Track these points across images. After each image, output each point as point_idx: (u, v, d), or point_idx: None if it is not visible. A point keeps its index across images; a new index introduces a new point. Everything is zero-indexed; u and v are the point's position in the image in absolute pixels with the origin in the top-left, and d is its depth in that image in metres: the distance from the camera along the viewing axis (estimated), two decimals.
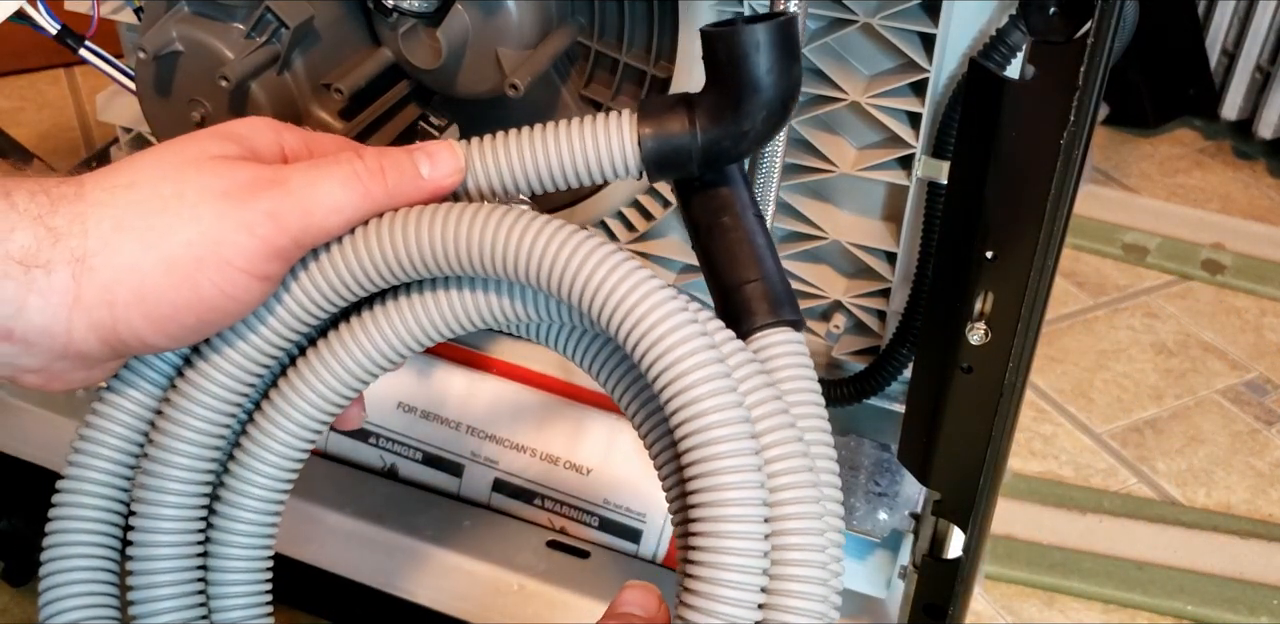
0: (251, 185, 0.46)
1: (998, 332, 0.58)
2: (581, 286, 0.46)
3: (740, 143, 0.49)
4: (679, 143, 0.48)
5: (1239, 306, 1.44)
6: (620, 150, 0.49)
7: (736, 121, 0.48)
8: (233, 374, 0.50)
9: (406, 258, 0.47)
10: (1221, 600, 1.09)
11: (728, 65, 0.48)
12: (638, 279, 0.46)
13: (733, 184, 0.53)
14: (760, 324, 0.50)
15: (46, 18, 0.81)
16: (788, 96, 0.48)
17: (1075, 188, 0.53)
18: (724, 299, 0.52)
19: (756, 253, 0.52)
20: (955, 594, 0.71)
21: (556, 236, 0.46)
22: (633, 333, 0.45)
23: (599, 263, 0.46)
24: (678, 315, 0.46)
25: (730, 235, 0.52)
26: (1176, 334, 1.40)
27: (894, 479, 0.81)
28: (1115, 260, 1.52)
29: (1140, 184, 1.66)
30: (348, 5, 0.78)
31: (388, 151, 0.48)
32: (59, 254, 0.44)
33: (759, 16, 0.48)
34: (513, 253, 0.46)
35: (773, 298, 0.51)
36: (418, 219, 0.47)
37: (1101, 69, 0.48)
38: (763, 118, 0.48)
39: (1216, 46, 1.66)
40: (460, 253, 0.46)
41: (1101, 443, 1.25)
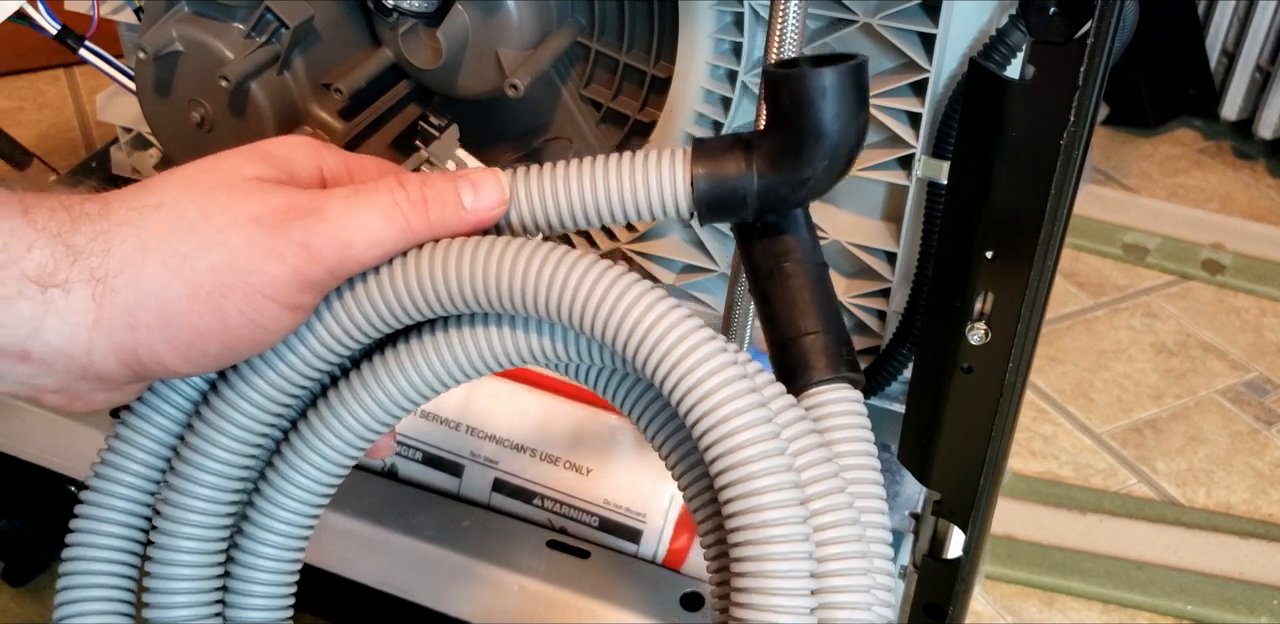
0: (286, 212, 0.44)
1: (998, 331, 0.58)
2: (627, 333, 0.44)
3: (799, 190, 0.47)
4: (734, 186, 0.46)
5: (1239, 306, 1.44)
6: (672, 189, 0.47)
7: (797, 169, 0.46)
8: (259, 403, 0.48)
9: (446, 293, 0.45)
10: (1221, 600, 1.09)
11: (792, 109, 0.45)
12: (687, 328, 0.44)
13: (796, 228, 0.51)
14: (818, 380, 0.48)
15: (46, 18, 0.81)
16: (854, 144, 0.46)
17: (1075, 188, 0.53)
18: (781, 350, 0.50)
19: (818, 303, 0.50)
20: (955, 594, 0.71)
21: (603, 278, 0.44)
22: (679, 386, 0.43)
23: (646, 309, 0.44)
24: (727, 370, 0.43)
25: (791, 282, 0.50)
26: (1176, 334, 1.40)
27: (894, 479, 0.81)
28: (1115, 260, 1.51)
29: (1140, 184, 1.66)
30: (348, 5, 0.78)
31: (431, 180, 0.46)
32: (78, 273, 0.42)
33: (826, 57, 0.46)
34: (556, 294, 0.44)
35: (832, 352, 0.49)
36: (459, 253, 0.45)
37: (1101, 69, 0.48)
38: (825, 166, 0.46)
39: (1216, 46, 1.66)
40: (501, 291, 0.45)
41: (1101, 443, 1.25)
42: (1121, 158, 1.71)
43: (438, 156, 0.78)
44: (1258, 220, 1.59)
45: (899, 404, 0.83)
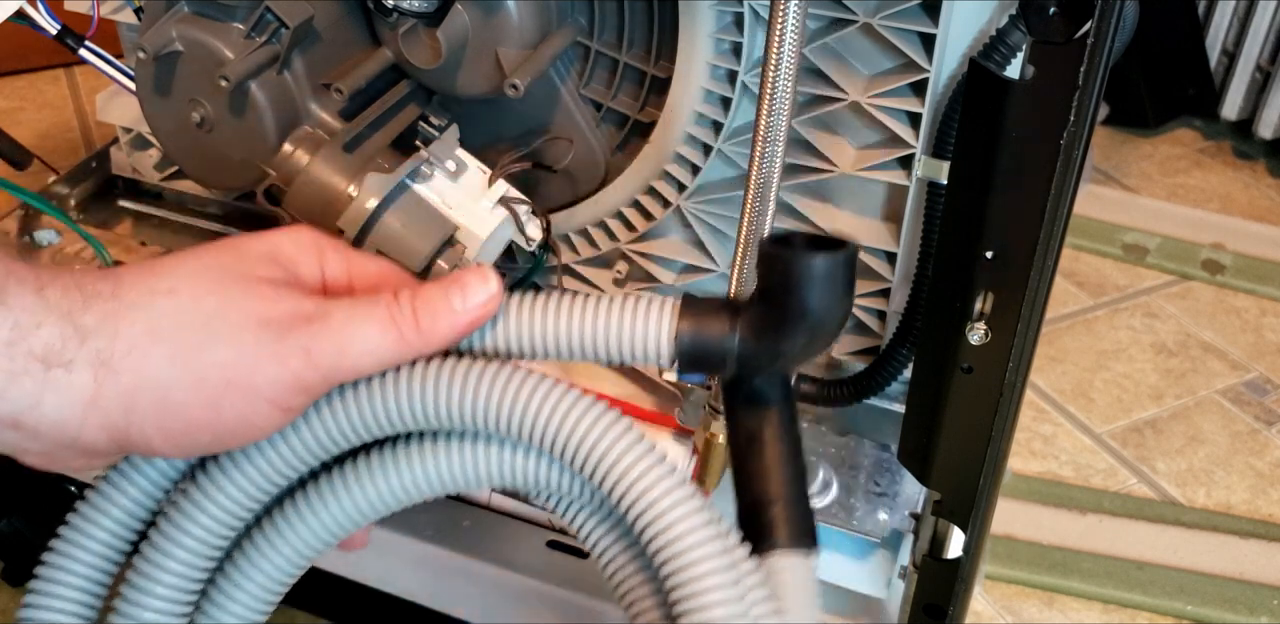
0: (292, 317, 0.45)
1: (998, 331, 0.58)
2: (605, 475, 0.47)
3: (776, 361, 0.49)
4: (715, 346, 0.48)
5: (1239, 306, 1.44)
6: (656, 339, 0.49)
7: (777, 341, 0.48)
8: (233, 496, 0.49)
9: (423, 409, 0.48)
10: (1221, 600, 1.09)
11: (780, 287, 0.47)
12: (671, 484, 0.47)
13: (782, 398, 0.53)
14: (780, 546, 0.52)
15: (46, 18, 0.81)
16: (835, 328, 0.48)
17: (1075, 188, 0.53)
18: (749, 511, 0.53)
19: (791, 475, 0.53)
20: (955, 594, 0.71)
21: (586, 416, 0.47)
22: (658, 538, 0.46)
23: (626, 449, 0.47)
24: (705, 529, 0.46)
25: (769, 450, 0.53)
26: (1176, 334, 1.40)
27: (894, 479, 0.81)
28: (1115, 260, 1.52)
29: (1140, 184, 1.66)
30: (348, 5, 0.78)
31: (422, 291, 0.48)
32: (84, 354, 0.43)
33: (820, 240, 0.48)
34: (541, 427, 0.47)
35: (797, 523, 0.52)
36: (442, 373, 0.47)
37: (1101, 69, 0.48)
38: (804, 343, 0.48)
39: (1216, 46, 1.66)
40: (480, 413, 0.47)
41: (1101, 443, 1.25)
42: (1121, 158, 1.71)
43: (438, 156, 0.78)
44: (1258, 220, 1.59)
45: (899, 404, 0.83)
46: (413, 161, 0.77)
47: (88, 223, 1.00)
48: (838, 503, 0.79)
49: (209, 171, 0.82)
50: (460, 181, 0.80)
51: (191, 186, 1.02)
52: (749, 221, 0.61)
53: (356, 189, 0.75)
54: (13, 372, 0.42)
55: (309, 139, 0.78)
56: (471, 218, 0.79)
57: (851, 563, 0.81)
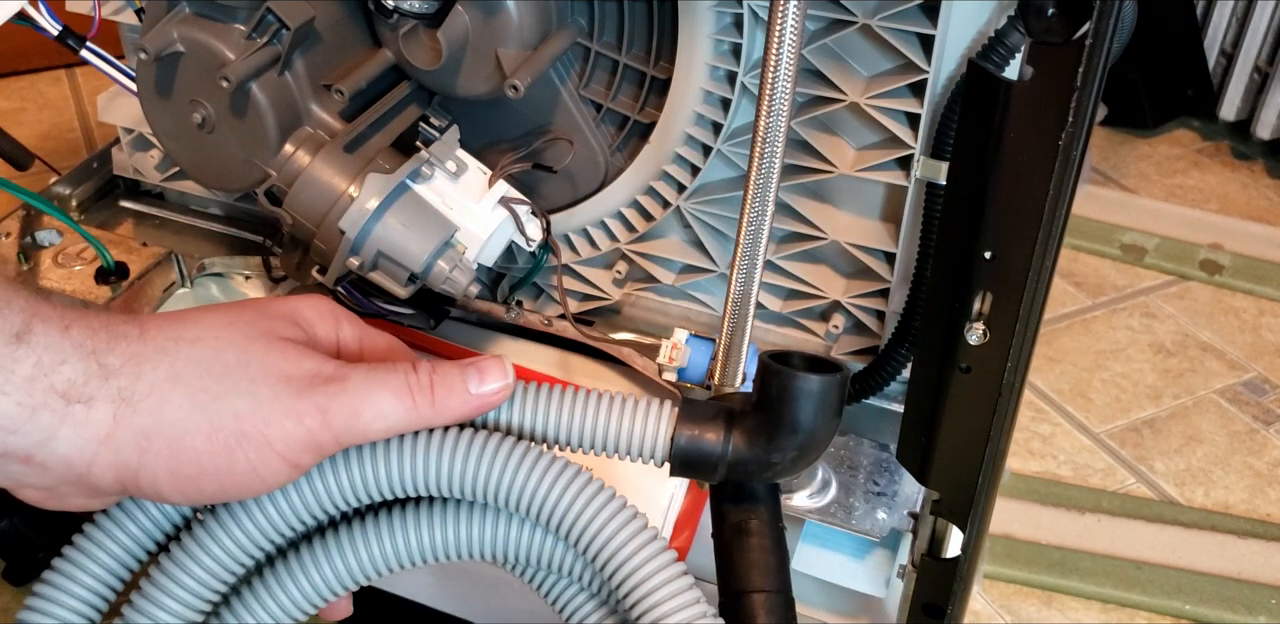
0: (313, 376, 0.46)
1: (996, 332, 0.58)
2: (605, 560, 0.49)
3: (764, 471, 0.51)
4: (708, 452, 0.51)
5: (1237, 307, 1.45)
6: (653, 441, 0.51)
7: (768, 452, 0.51)
8: (228, 551, 0.50)
9: (421, 476, 0.49)
10: (1220, 600, 1.09)
11: (776, 401, 0.50)
12: (662, 562, 0.49)
13: (769, 492, 0.56)
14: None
15: (48, 19, 0.81)
16: (823, 444, 0.51)
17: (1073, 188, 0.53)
18: (734, 599, 0.54)
19: (775, 566, 0.55)
20: (954, 593, 0.71)
21: (584, 493, 0.49)
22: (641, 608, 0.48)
23: (626, 539, 0.49)
24: (695, 607, 0.49)
25: (753, 540, 0.55)
26: (1175, 334, 1.40)
27: (893, 479, 0.81)
28: (1114, 260, 1.52)
29: (1138, 184, 1.66)
30: (349, 6, 0.79)
31: (440, 367, 0.49)
32: (105, 391, 0.44)
33: (817, 361, 0.51)
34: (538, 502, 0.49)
35: (780, 615, 0.54)
36: (449, 443, 0.49)
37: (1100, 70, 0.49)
38: (793, 456, 0.51)
39: (1215, 47, 1.66)
40: (478, 485, 0.49)
41: (1100, 442, 1.25)
42: (1120, 158, 1.71)
43: (438, 157, 0.78)
44: (1256, 220, 1.59)
45: (898, 404, 0.83)
46: (413, 162, 0.78)
47: (89, 223, 1.00)
48: (837, 502, 0.79)
49: (210, 172, 0.82)
50: (460, 182, 0.80)
51: (193, 187, 1.02)
52: (749, 222, 0.61)
53: (357, 190, 0.76)
54: (33, 406, 0.43)
55: (310, 140, 0.78)
56: (472, 218, 0.79)
57: (850, 562, 0.81)
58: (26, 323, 0.43)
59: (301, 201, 0.77)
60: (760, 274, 0.63)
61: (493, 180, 0.80)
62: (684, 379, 0.78)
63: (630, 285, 0.91)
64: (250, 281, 0.96)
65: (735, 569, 0.55)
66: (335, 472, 0.49)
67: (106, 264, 0.92)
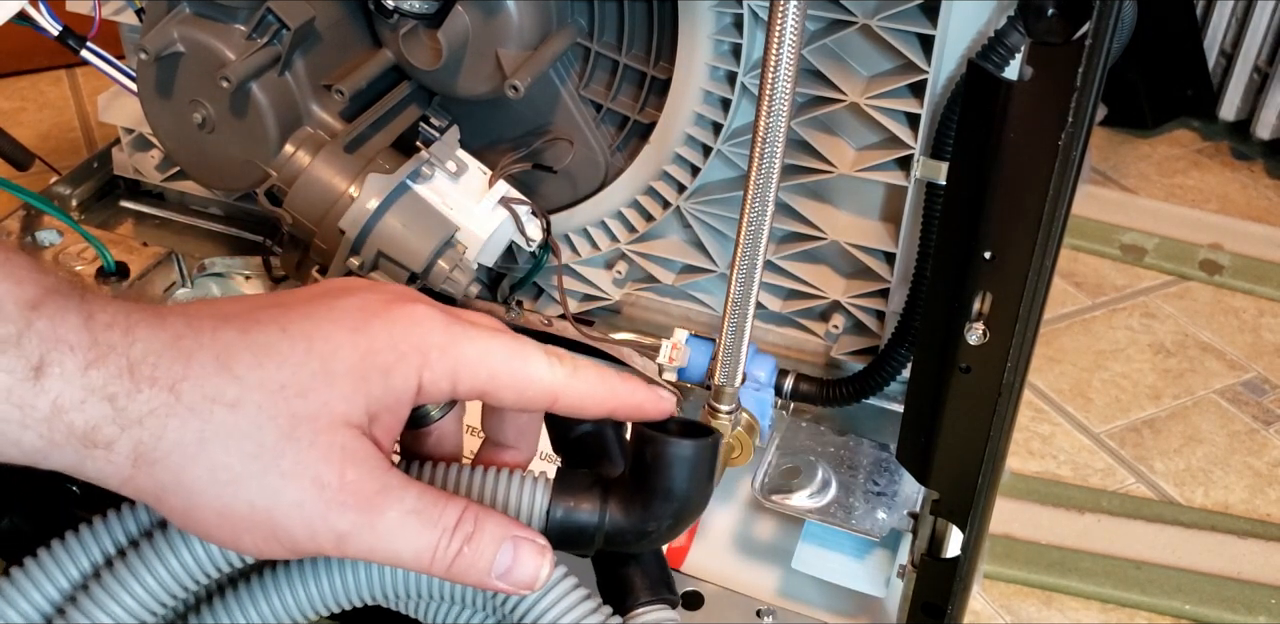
0: (347, 493, 0.44)
1: (996, 332, 0.58)
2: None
3: (641, 539, 0.51)
4: (584, 524, 0.51)
5: (1237, 307, 1.45)
6: (528, 515, 0.51)
7: (644, 520, 0.51)
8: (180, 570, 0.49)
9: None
10: (1220, 600, 1.09)
11: (650, 467, 0.50)
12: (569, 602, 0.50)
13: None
14: (642, 601, 0.54)
15: (48, 19, 0.81)
16: (697, 508, 0.51)
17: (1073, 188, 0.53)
18: (606, 577, 0.56)
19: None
20: (954, 593, 0.71)
21: None
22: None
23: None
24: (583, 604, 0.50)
25: None
26: (1174, 334, 1.40)
27: (893, 479, 0.81)
28: (1113, 260, 1.52)
29: (1138, 184, 1.66)
30: (349, 6, 0.79)
31: (480, 531, 0.46)
32: (125, 440, 0.43)
33: (692, 427, 0.51)
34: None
35: (653, 576, 0.55)
36: None
37: (1099, 70, 0.49)
38: (668, 525, 0.51)
39: (1215, 47, 1.66)
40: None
41: (1100, 442, 1.26)
42: (1120, 158, 1.71)
43: (438, 157, 0.78)
44: (1256, 221, 1.59)
45: (898, 404, 0.83)
46: (413, 162, 0.78)
47: (89, 223, 1.00)
48: (837, 502, 0.79)
49: (210, 172, 0.82)
50: (461, 182, 0.80)
51: (193, 187, 1.02)
52: (749, 222, 0.61)
53: (358, 190, 0.76)
54: (53, 441, 0.42)
55: (310, 140, 0.78)
56: (472, 218, 0.79)
57: (850, 562, 0.81)
58: (45, 356, 0.42)
59: (302, 201, 0.77)
60: (760, 274, 0.63)
61: (493, 180, 0.80)
62: (684, 379, 0.78)
63: (630, 285, 0.91)
64: (250, 281, 0.96)
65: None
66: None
67: (107, 264, 0.92)
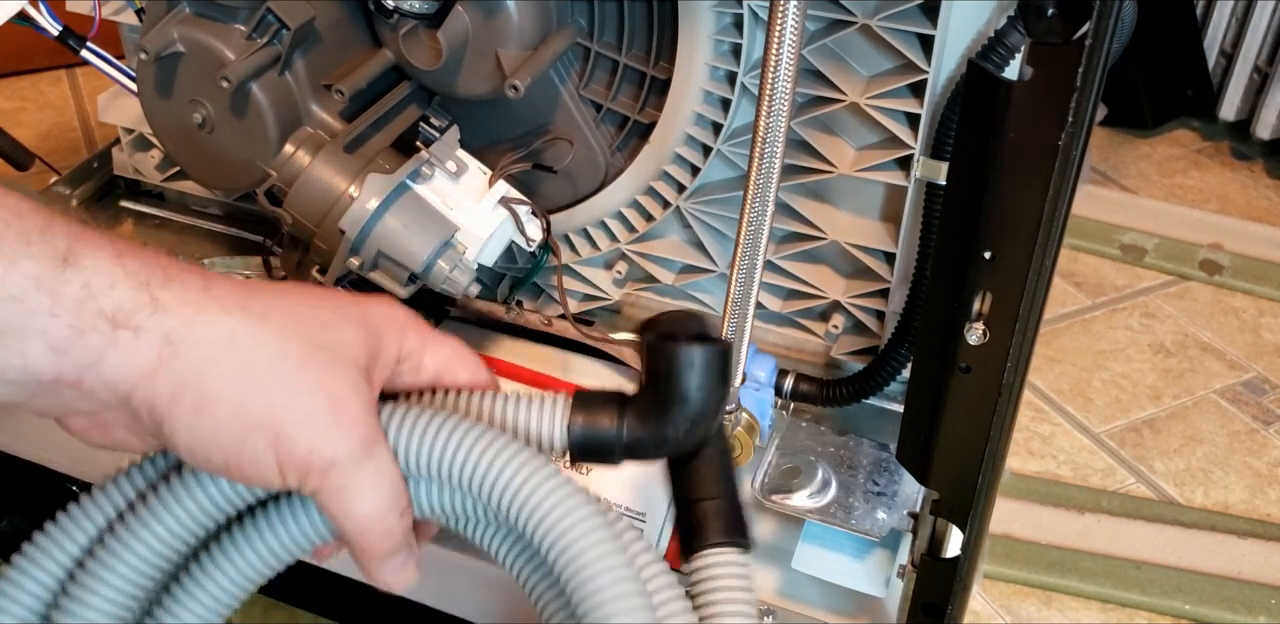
0: (349, 423, 0.46)
1: (996, 332, 0.58)
2: (524, 514, 0.49)
3: (661, 446, 0.53)
4: (605, 436, 0.52)
5: (1237, 307, 1.45)
6: (550, 433, 0.52)
7: (661, 427, 0.52)
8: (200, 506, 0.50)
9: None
10: (1219, 600, 1.09)
11: (664, 375, 0.52)
12: (566, 499, 0.49)
13: None
14: (711, 542, 0.54)
15: (48, 19, 0.81)
16: (712, 413, 0.53)
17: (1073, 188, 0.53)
18: (682, 512, 0.56)
19: (720, 474, 0.56)
20: (954, 593, 0.71)
21: (500, 456, 0.49)
22: (555, 552, 0.49)
23: (528, 476, 0.49)
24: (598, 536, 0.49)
25: (700, 453, 0.56)
26: (1174, 334, 1.40)
27: (893, 479, 0.81)
28: (1113, 260, 1.52)
29: (1138, 184, 1.66)
30: (349, 7, 0.79)
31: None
32: (153, 325, 0.43)
33: (700, 336, 0.52)
34: (464, 472, 0.49)
35: (728, 517, 0.55)
36: (434, 433, 0.49)
37: (1099, 70, 0.49)
38: (686, 429, 0.52)
39: (1215, 47, 1.66)
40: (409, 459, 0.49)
41: (1099, 442, 1.26)
42: (1120, 158, 1.71)
43: (438, 157, 0.78)
44: (1256, 220, 1.59)
45: (898, 404, 0.83)
46: (413, 162, 0.78)
47: (89, 223, 1.00)
48: (837, 502, 0.79)
49: (210, 172, 0.82)
50: (461, 182, 0.80)
51: (193, 187, 1.02)
52: (749, 222, 0.61)
53: (358, 190, 0.76)
54: (80, 328, 0.43)
55: (310, 140, 0.78)
56: (472, 218, 0.79)
57: (850, 562, 0.81)
58: (71, 247, 0.43)
59: (302, 201, 0.77)
60: (760, 274, 0.63)
61: (493, 180, 0.80)
62: None
63: (630, 285, 0.91)
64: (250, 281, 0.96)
65: (680, 485, 0.56)
66: None
67: None
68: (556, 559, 0.49)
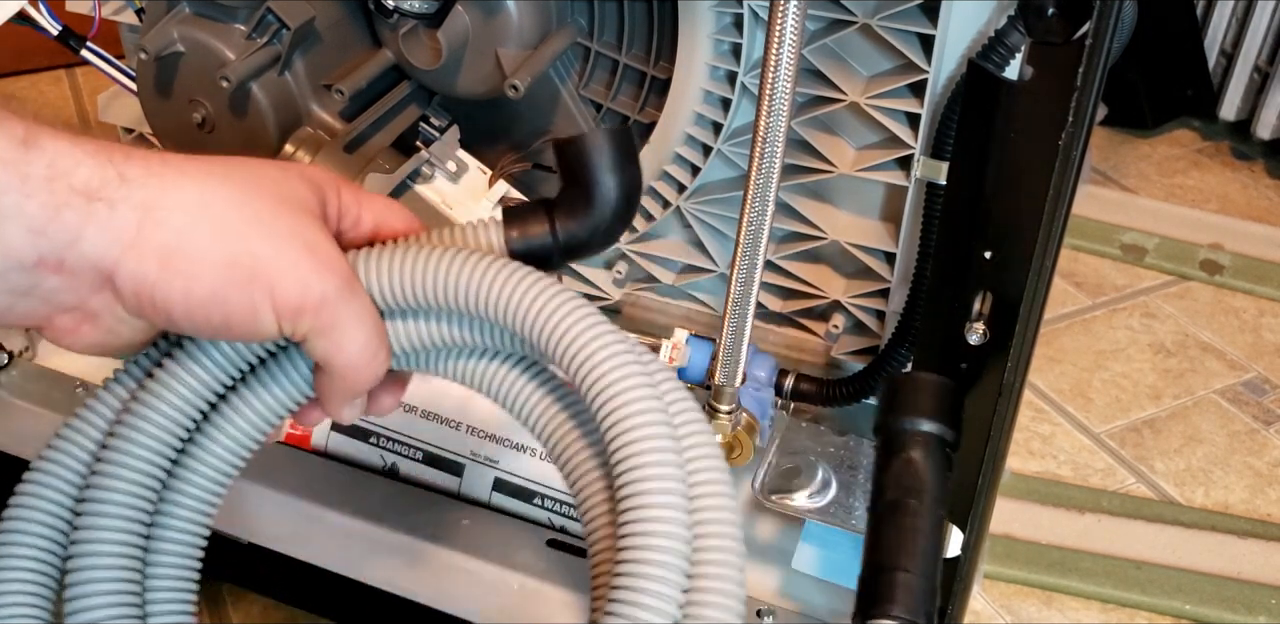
0: (329, 264, 0.48)
1: (996, 331, 0.58)
2: (549, 339, 0.50)
3: (595, 236, 0.54)
4: (542, 242, 0.54)
5: (1237, 307, 1.45)
6: (491, 251, 0.53)
7: (590, 216, 0.54)
8: (205, 382, 0.52)
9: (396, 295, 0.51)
10: (1220, 600, 1.09)
11: (576, 166, 0.54)
12: (599, 331, 0.50)
13: (935, 474, 0.57)
14: (895, 614, 0.54)
15: (48, 19, 0.81)
16: (631, 191, 0.54)
17: (1073, 188, 0.53)
18: (874, 574, 0.56)
19: (927, 548, 0.56)
20: (954, 593, 0.71)
21: (533, 288, 0.50)
22: (588, 378, 0.49)
23: (557, 308, 0.50)
24: (629, 366, 0.49)
25: (909, 521, 0.57)
26: (1175, 334, 1.40)
27: None
28: (1114, 260, 1.52)
29: (1138, 184, 1.66)
30: (349, 6, 0.79)
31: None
32: (128, 199, 0.44)
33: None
34: (496, 303, 0.50)
35: (919, 596, 0.55)
36: (412, 263, 0.51)
37: (1100, 69, 0.49)
38: (612, 210, 0.54)
39: (1215, 47, 1.66)
40: (445, 295, 0.51)
41: (1100, 442, 1.25)
42: (1120, 158, 1.71)
43: (438, 157, 0.78)
44: (1256, 220, 1.59)
45: None
46: (413, 162, 0.78)
47: None
48: (837, 502, 0.79)
49: None
50: (461, 182, 0.80)
51: None
52: (749, 222, 0.61)
53: None
54: (55, 205, 0.43)
55: (310, 140, 0.78)
56: (472, 218, 0.79)
57: (850, 562, 0.81)
58: (30, 131, 0.43)
59: None
60: (760, 274, 0.63)
61: (493, 180, 0.80)
62: (684, 379, 0.78)
63: (630, 285, 0.91)
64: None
65: (882, 544, 0.56)
66: None
67: None
68: (582, 379, 0.49)
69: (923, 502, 0.57)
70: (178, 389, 0.51)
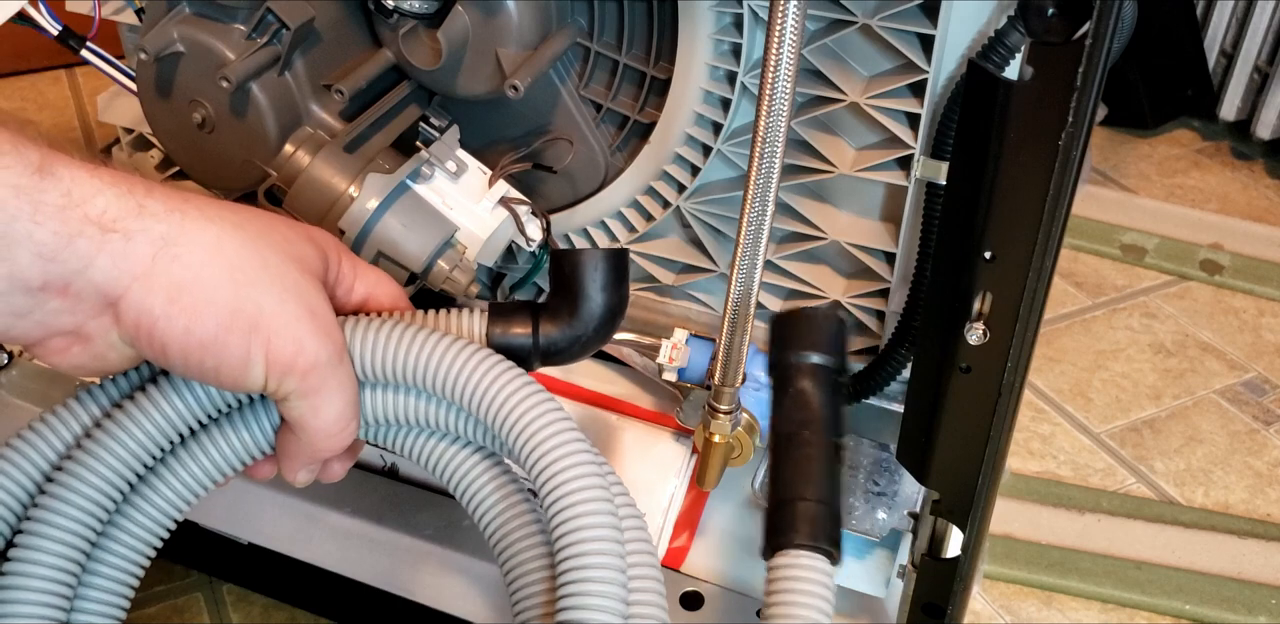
0: (325, 330, 0.48)
1: (996, 332, 0.58)
2: (502, 422, 0.52)
3: (574, 346, 0.56)
4: (522, 342, 0.56)
5: (1237, 307, 1.45)
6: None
7: (573, 327, 0.56)
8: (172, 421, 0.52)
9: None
10: (1220, 600, 1.09)
11: (569, 279, 0.56)
12: (560, 428, 0.52)
13: (825, 403, 0.59)
14: (798, 543, 0.55)
15: (48, 19, 0.81)
16: (616, 310, 0.57)
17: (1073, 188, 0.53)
18: (775, 508, 0.57)
19: (823, 474, 0.57)
20: (954, 593, 0.71)
21: (506, 381, 0.52)
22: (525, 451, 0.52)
23: (523, 400, 0.52)
24: (585, 465, 0.51)
25: (804, 451, 0.58)
26: (1175, 334, 1.40)
27: (893, 479, 0.81)
28: (1113, 260, 1.52)
29: (1138, 184, 1.66)
30: (348, 6, 0.79)
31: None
32: (146, 232, 0.44)
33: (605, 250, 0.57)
34: (464, 388, 0.52)
35: (820, 523, 0.56)
36: (398, 339, 0.52)
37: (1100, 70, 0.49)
38: (594, 326, 0.56)
39: (1215, 47, 1.66)
40: (421, 374, 0.52)
41: (1100, 442, 1.26)
42: (1120, 158, 1.71)
43: (438, 157, 0.78)
44: (1256, 220, 1.59)
45: (898, 404, 0.83)
46: (413, 162, 0.78)
47: None
48: None
49: (210, 172, 0.82)
50: (461, 182, 0.80)
51: (193, 187, 1.02)
52: (749, 222, 0.61)
53: (357, 190, 0.76)
54: (69, 234, 0.43)
55: (310, 140, 0.78)
56: (472, 218, 0.79)
57: (850, 562, 0.81)
58: (46, 159, 0.43)
59: (301, 201, 0.77)
60: (760, 274, 0.63)
61: (493, 180, 0.80)
62: (684, 379, 0.78)
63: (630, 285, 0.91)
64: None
65: (781, 478, 0.57)
66: None
67: None
68: (525, 456, 0.51)
69: (815, 431, 0.58)
70: (144, 425, 0.51)
